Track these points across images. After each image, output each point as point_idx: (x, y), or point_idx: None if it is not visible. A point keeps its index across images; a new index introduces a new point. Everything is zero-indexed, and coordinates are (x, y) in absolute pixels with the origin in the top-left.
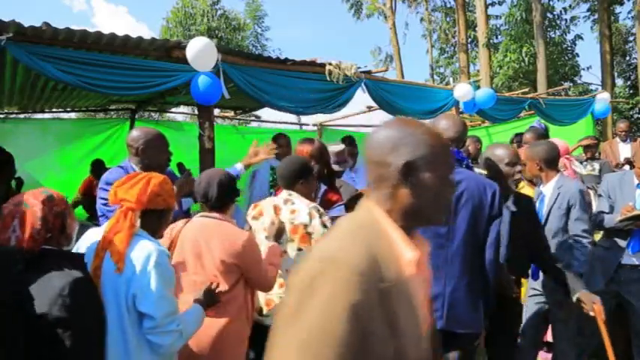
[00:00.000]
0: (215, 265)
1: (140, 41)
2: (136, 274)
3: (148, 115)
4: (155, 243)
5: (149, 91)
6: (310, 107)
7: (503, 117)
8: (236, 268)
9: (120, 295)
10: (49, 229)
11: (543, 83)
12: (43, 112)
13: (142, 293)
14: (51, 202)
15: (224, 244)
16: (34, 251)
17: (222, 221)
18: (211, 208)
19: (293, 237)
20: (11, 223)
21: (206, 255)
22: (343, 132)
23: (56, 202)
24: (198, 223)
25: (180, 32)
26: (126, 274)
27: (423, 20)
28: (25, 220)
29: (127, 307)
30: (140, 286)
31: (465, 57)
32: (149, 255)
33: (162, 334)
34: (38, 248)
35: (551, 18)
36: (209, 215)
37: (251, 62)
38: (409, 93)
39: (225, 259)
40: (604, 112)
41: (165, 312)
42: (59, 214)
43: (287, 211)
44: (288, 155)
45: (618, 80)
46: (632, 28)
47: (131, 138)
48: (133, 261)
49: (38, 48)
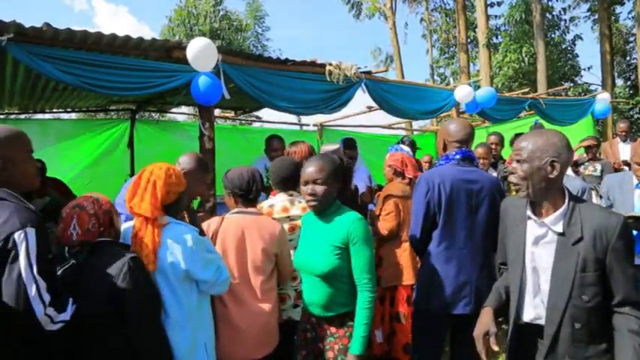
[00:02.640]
0: (257, 255)
1: (140, 42)
2: (177, 259)
3: (148, 116)
4: (183, 225)
5: (149, 91)
6: (310, 107)
7: (503, 117)
8: (274, 257)
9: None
10: (101, 225)
11: (543, 83)
12: (44, 112)
13: (193, 268)
14: (99, 203)
15: (264, 235)
16: (92, 242)
17: (258, 215)
18: (247, 202)
19: None
20: (71, 223)
21: (249, 246)
22: (343, 132)
23: (103, 203)
24: (238, 218)
25: (182, 32)
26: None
27: (423, 20)
28: (82, 219)
29: (179, 280)
30: (190, 264)
31: (465, 57)
32: (183, 238)
33: (218, 286)
34: (94, 239)
35: (551, 18)
36: (246, 211)
37: (251, 62)
38: (409, 93)
39: (267, 248)
40: (604, 112)
41: (212, 272)
42: (107, 212)
43: (298, 209)
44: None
45: (618, 80)
46: (632, 28)
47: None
48: (171, 248)
49: (39, 48)
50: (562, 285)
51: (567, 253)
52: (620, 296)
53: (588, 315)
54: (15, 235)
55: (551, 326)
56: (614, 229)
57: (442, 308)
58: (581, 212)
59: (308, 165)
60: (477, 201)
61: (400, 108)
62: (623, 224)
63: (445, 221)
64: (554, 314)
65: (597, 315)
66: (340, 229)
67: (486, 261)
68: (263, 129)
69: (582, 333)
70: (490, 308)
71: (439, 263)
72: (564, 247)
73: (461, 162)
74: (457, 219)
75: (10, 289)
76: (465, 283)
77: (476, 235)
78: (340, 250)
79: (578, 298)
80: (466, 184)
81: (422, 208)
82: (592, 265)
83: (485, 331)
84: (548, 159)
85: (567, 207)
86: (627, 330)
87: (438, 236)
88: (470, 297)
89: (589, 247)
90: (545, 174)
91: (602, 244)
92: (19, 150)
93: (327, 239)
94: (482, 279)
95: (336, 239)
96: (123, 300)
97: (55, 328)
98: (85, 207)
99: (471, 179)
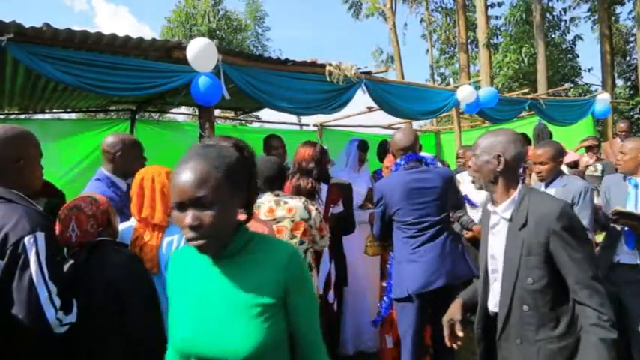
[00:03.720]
0: None
1: (140, 42)
2: None
3: (148, 116)
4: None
5: (149, 91)
6: (310, 108)
7: (503, 117)
8: None
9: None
10: (99, 225)
11: (543, 84)
12: (44, 112)
13: None
14: (97, 203)
15: None
16: (91, 242)
17: None
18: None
19: (295, 233)
20: (70, 224)
21: None
22: (343, 132)
23: (100, 203)
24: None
25: (181, 32)
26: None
27: (423, 21)
28: (80, 221)
29: None
30: None
31: (465, 57)
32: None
33: None
34: (93, 239)
35: (551, 19)
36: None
37: (251, 63)
38: (409, 93)
39: None
40: (604, 112)
41: None
42: (105, 212)
43: (283, 210)
44: (282, 157)
45: (618, 81)
46: (632, 28)
47: (107, 144)
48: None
49: (39, 49)
50: (510, 269)
51: (514, 238)
52: (571, 280)
53: (534, 297)
54: (25, 240)
55: (503, 309)
56: (554, 214)
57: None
58: (529, 200)
59: (178, 175)
60: (428, 193)
61: (400, 108)
62: (562, 210)
63: (402, 218)
64: (505, 297)
65: (545, 299)
66: (265, 274)
67: (451, 239)
68: (263, 129)
69: (531, 315)
70: (461, 299)
71: (405, 252)
72: (512, 233)
73: (406, 166)
74: (412, 214)
75: (22, 295)
76: (430, 263)
77: (432, 222)
78: (269, 309)
79: (524, 280)
80: (414, 182)
81: (379, 212)
82: (535, 249)
83: (450, 318)
84: (494, 154)
85: (517, 196)
86: (588, 324)
87: (399, 229)
88: (439, 272)
89: (532, 232)
90: (493, 167)
91: (544, 228)
92: (34, 150)
93: (240, 297)
94: (449, 253)
95: (260, 292)
96: (124, 298)
97: (63, 330)
98: (83, 208)
99: (419, 178)
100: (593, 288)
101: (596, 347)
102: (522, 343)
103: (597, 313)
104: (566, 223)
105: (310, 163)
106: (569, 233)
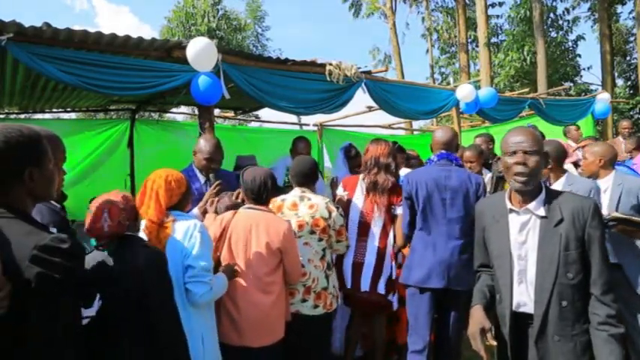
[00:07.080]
0: (261, 247)
1: (140, 41)
2: (185, 247)
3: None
4: (191, 218)
5: (149, 91)
6: (310, 107)
7: (503, 117)
8: (278, 252)
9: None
10: (129, 218)
11: (543, 83)
12: (44, 112)
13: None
14: (127, 198)
15: (270, 230)
16: (120, 234)
17: (267, 212)
18: (257, 202)
19: (315, 229)
20: (102, 215)
21: (254, 239)
22: (343, 132)
23: (129, 199)
24: (249, 213)
25: (181, 32)
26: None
27: (424, 20)
28: (113, 212)
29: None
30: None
31: (465, 57)
32: (189, 229)
33: (198, 283)
34: (123, 232)
35: (554, 18)
36: (255, 207)
37: (251, 62)
38: (409, 93)
39: (270, 243)
40: (604, 112)
41: (202, 266)
42: (133, 207)
43: (305, 205)
44: None
45: (619, 80)
46: (632, 28)
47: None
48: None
49: (39, 48)
50: (548, 265)
51: (551, 235)
52: (595, 273)
53: (573, 293)
54: None
55: (540, 307)
56: (588, 209)
57: (420, 282)
58: (557, 198)
59: None
60: (452, 194)
61: (400, 108)
62: (596, 205)
63: (423, 211)
64: (542, 295)
65: (580, 293)
66: None
67: (462, 245)
68: (262, 128)
69: (569, 311)
70: (480, 305)
71: (419, 245)
72: (547, 230)
73: (438, 163)
74: (434, 209)
75: None
76: (439, 262)
77: (451, 222)
78: None
79: (564, 276)
80: (442, 180)
81: (405, 203)
82: (574, 243)
83: (480, 328)
84: (543, 152)
85: (545, 195)
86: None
87: (418, 223)
88: (443, 274)
89: (569, 226)
90: (545, 165)
91: (580, 222)
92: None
93: None
94: (456, 261)
95: None
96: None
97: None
98: (116, 202)
99: (447, 176)
100: (610, 284)
101: (607, 343)
102: (560, 339)
103: (608, 309)
104: (598, 219)
105: (388, 158)
106: (600, 229)
